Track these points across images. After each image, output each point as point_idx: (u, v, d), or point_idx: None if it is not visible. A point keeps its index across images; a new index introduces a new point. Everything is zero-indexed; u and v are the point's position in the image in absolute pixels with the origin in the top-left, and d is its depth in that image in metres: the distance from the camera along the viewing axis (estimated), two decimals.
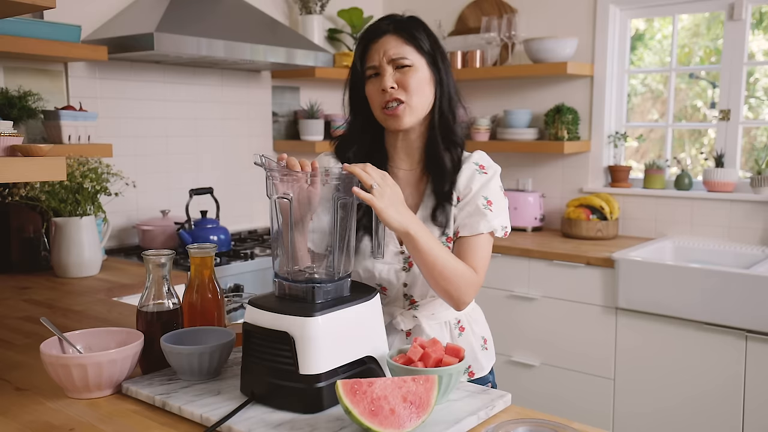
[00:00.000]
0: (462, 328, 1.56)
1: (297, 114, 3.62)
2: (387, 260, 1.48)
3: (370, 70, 1.45)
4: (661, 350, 2.72)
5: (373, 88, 1.46)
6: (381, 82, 1.43)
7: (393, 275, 1.48)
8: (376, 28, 1.46)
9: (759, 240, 3.02)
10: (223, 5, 2.97)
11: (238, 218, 3.39)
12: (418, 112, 1.46)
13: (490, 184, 1.48)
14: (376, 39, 1.45)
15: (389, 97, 1.43)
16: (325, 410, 1.12)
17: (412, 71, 1.43)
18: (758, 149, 3.21)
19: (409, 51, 1.44)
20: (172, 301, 1.33)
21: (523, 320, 3.11)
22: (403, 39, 1.44)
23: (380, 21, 1.48)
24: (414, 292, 1.51)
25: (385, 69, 1.43)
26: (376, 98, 1.45)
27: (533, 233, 3.44)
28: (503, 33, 3.52)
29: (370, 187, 1.24)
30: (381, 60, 1.43)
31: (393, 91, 1.42)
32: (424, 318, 1.50)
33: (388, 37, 1.44)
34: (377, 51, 1.44)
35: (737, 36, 3.06)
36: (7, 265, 2.43)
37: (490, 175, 1.50)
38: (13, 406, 1.20)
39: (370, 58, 1.45)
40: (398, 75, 1.43)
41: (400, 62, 1.43)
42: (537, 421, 1.06)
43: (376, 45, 1.45)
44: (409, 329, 1.50)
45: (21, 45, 2.30)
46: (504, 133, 3.53)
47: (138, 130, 2.97)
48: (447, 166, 1.48)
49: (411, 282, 1.49)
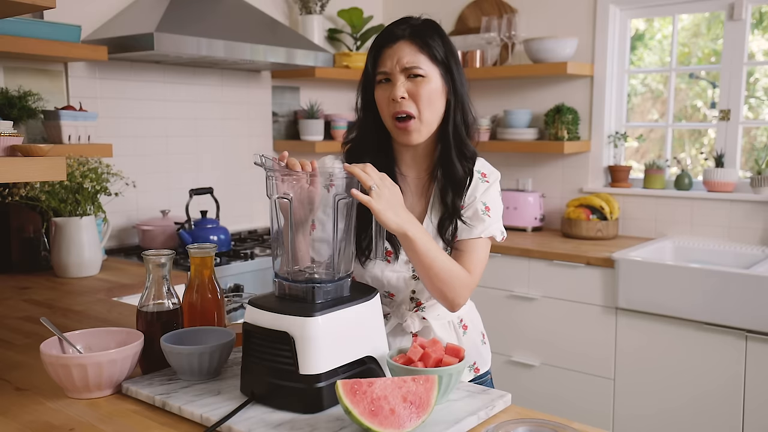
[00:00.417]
0: (465, 326, 1.58)
1: (297, 114, 3.62)
2: (396, 269, 1.48)
3: (381, 75, 1.43)
4: (661, 350, 2.72)
5: (383, 94, 1.43)
6: (392, 90, 1.41)
7: (402, 283, 1.49)
8: (391, 33, 1.43)
9: (759, 240, 3.02)
10: (223, 5, 2.97)
11: (238, 218, 3.39)
12: (429, 126, 1.44)
13: (490, 191, 1.49)
14: (390, 44, 1.42)
15: (399, 108, 1.40)
16: (325, 410, 1.12)
17: (424, 82, 1.41)
18: (758, 149, 3.21)
19: (422, 60, 1.41)
20: (172, 301, 1.33)
21: (523, 320, 3.11)
22: (417, 47, 1.41)
23: (395, 25, 1.45)
24: (422, 297, 1.52)
25: (396, 77, 1.41)
26: (385, 105, 1.43)
27: (533, 233, 3.44)
28: (503, 33, 3.52)
29: (369, 188, 1.23)
30: (393, 67, 1.41)
31: (403, 101, 1.40)
32: (432, 319, 1.52)
33: (402, 44, 1.41)
34: (390, 57, 1.41)
35: (737, 36, 3.06)
36: (7, 265, 2.43)
37: (492, 182, 1.50)
38: (13, 406, 1.20)
39: (383, 63, 1.42)
40: (410, 85, 1.40)
41: (413, 71, 1.40)
42: (537, 421, 1.06)
43: (390, 51, 1.42)
44: (417, 331, 1.52)
45: (21, 45, 2.30)
46: (504, 133, 3.53)
47: (138, 130, 2.97)
48: (460, 180, 1.46)
49: (420, 288, 1.50)
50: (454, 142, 1.46)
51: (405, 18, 1.46)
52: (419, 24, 1.45)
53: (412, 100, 1.40)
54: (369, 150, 1.48)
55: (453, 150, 1.46)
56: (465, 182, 1.47)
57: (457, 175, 1.46)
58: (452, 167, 1.46)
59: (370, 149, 1.48)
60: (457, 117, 1.46)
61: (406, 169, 1.52)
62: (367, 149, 1.48)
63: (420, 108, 1.41)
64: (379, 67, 1.43)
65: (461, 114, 1.46)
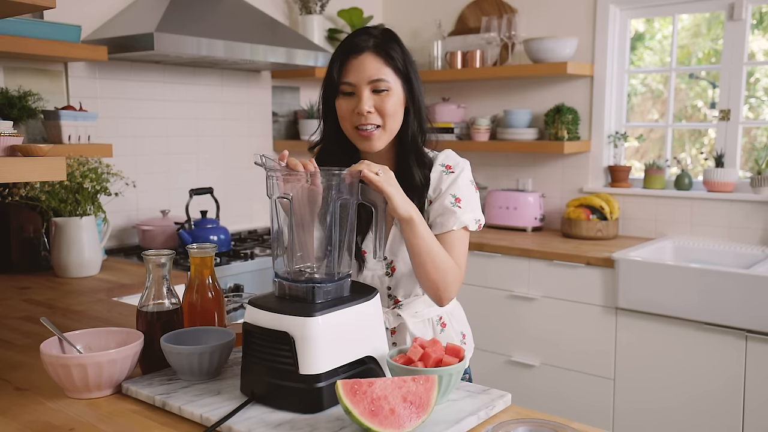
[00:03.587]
0: (444, 324, 1.60)
1: (297, 114, 3.62)
2: (369, 266, 1.53)
3: (346, 86, 1.45)
4: (661, 350, 2.72)
5: (346, 105, 1.46)
6: (357, 104, 1.44)
7: (377, 281, 1.54)
8: (355, 45, 1.45)
9: (759, 240, 3.02)
10: (223, 5, 2.97)
11: (238, 218, 3.39)
12: (392, 133, 1.48)
13: (458, 181, 1.50)
14: (356, 55, 1.44)
15: (365, 121, 1.44)
16: (325, 410, 1.11)
17: (389, 95, 1.44)
18: (758, 149, 3.21)
19: (387, 72, 1.44)
20: (172, 301, 1.33)
21: (523, 320, 3.11)
22: (382, 59, 1.44)
23: (358, 37, 1.46)
24: (398, 294, 1.55)
25: (362, 90, 1.43)
26: (348, 116, 1.46)
27: (533, 233, 3.44)
28: (503, 33, 3.52)
29: (376, 173, 1.27)
30: (359, 79, 1.43)
31: (369, 115, 1.43)
32: (407, 316, 1.54)
33: (368, 56, 1.44)
34: (356, 69, 1.44)
35: (737, 36, 3.06)
36: (7, 265, 2.43)
37: (458, 172, 1.52)
38: (13, 406, 1.20)
39: (347, 73, 1.44)
40: (375, 99, 1.44)
41: (379, 86, 1.43)
42: (537, 421, 1.06)
43: (356, 62, 1.44)
44: (394, 327, 1.55)
45: (21, 45, 2.31)
46: (504, 133, 3.53)
47: (138, 130, 2.97)
48: (417, 188, 1.49)
49: (395, 285, 1.54)
50: (412, 148, 1.51)
51: (364, 29, 1.49)
52: (380, 34, 1.47)
53: (377, 113, 1.44)
54: (335, 153, 1.52)
55: (410, 156, 1.50)
56: (422, 190, 1.50)
57: (414, 183, 1.49)
58: (410, 174, 1.49)
59: (336, 152, 1.52)
60: (414, 125, 1.50)
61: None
62: (333, 153, 1.52)
63: (385, 120, 1.45)
64: (343, 77, 1.45)
65: (417, 122, 1.51)
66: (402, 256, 1.51)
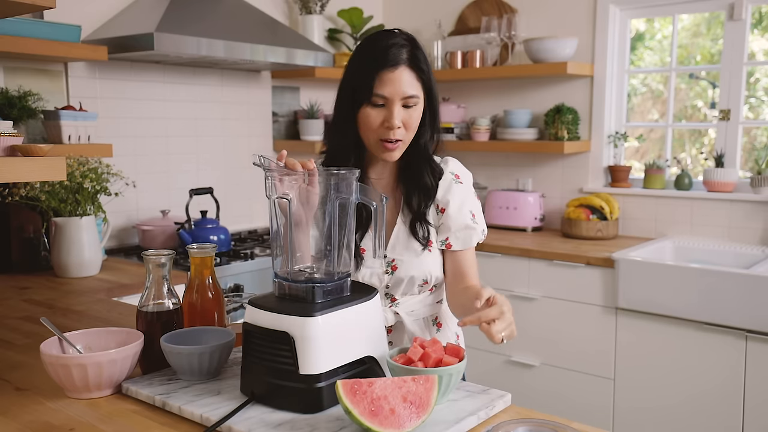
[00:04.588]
0: (439, 324, 1.61)
1: (297, 114, 3.62)
2: (367, 264, 1.53)
3: (378, 98, 1.43)
4: (661, 350, 2.72)
5: (376, 116, 1.44)
6: (388, 117, 1.42)
7: (376, 279, 1.54)
8: (392, 57, 1.41)
9: (759, 240, 3.02)
10: (223, 5, 2.97)
11: (238, 218, 3.39)
12: (407, 144, 1.49)
13: (469, 195, 1.56)
14: (393, 68, 1.41)
15: (393, 136, 1.43)
16: (325, 410, 1.12)
17: (415, 109, 1.45)
18: (758, 149, 3.21)
19: (418, 87, 1.44)
20: (172, 301, 1.33)
21: (523, 320, 3.11)
22: (415, 74, 1.43)
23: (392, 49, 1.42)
24: (396, 292, 1.56)
25: (394, 105, 1.42)
26: (376, 128, 1.44)
27: (533, 233, 3.44)
28: (503, 33, 3.52)
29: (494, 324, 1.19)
30: (393, 94, 1.42)
31: (398, 130, 1.43)
32: (404, 314, 1.55)
33: (404, 70, 1.42)
34: (391, 83, 1.41)
35: (737, 36, 3.06)
36: (7, 265, 2.43)
37: (466, 183, 1.56)
38: (13, 406, 1.20)
39: (382, 86, 1.41)
40: (404, 112, 1.43)
41: (410, 102, 1.43)
42: (537, 421, 1.06)
43: (392, 75, 1.41)
44: (390, 325, 1.55)
45: (21, 45, 2.30)
46: (504, 133, 3.53)
47: (138, 130, 2.97)
48: (428, 189, 1.52)
49: (394, 284, 1.54)
50: (424, 155, 1.52)
51: (392, 34, 1.45)
52: (409, 44, 1.44)
53: (404, 127, 1.45)
54: (346, 160, 1.51)
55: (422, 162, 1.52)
56: (431, 193, 1.52)
57: (427, 189, 1.52)
58: (423, 181, 1.52)
59: (349, 158, 1.51)
60: (428, 133, 1.51)
61: (375, 175, 1.57)
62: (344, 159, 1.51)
63: (409, 134, 1.47)
64: (377, 89, 1.42)
65: (432, 130, 1.52)
66: (407, 260, 1.51)
